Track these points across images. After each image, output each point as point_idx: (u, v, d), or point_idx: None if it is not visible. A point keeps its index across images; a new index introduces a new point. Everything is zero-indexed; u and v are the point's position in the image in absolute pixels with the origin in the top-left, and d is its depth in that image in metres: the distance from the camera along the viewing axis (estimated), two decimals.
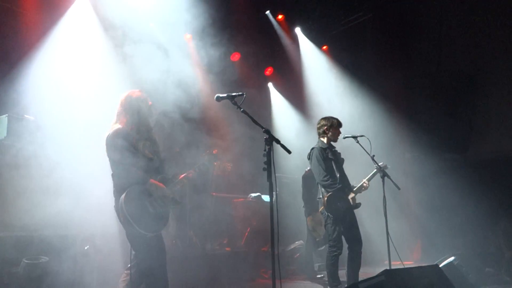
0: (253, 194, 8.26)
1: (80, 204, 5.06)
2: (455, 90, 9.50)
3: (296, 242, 8.21)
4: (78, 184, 5.02)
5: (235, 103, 3.78)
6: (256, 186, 8.35)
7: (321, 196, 5.47)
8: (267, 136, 3.62)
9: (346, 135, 5.61)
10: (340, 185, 5.35)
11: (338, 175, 5.43)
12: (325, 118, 5.69)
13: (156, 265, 3.85)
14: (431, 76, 10.00)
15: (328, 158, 5.46)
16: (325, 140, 5.61)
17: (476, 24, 9.58)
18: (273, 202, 3.59)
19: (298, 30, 10.12)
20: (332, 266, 5.34)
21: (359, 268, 5.36)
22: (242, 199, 8.25)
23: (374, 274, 3.67)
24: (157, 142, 4.22)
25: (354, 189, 5.57)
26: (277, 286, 3.44)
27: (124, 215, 3.68)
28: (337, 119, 5.64)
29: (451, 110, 9.46)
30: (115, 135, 3.88)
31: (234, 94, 3.81)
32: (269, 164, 3.55)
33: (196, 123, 7.26)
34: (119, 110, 4.06)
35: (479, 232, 8.62)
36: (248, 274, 6.99)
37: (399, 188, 5.55)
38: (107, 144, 3.89)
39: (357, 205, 5.50)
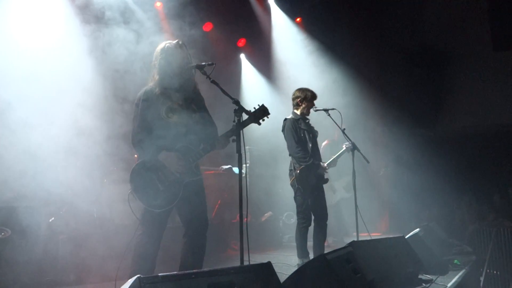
0: (224, 166, 8.23)
1: (46, 175, 4.90)
2: (426, 66, 9.61)
3: (265, 214, 8.28)
4: (44, 153, 4.84)
5: (204, 73, 3.68)
6: (228, 158, 8.31)
7: (291, 168, 5.46)
8: (237, 107, 3.56)
9: (317, 108, 5.57)
10: (311, 160, 5.32)
11: (310, 146, 5.39)
12: (300, 90, 5.59)
13: (150, 235, 3.71)
14: (403, 51, 10.08)
15: (300, 129, 5.40)
16: (298, 111, 5.54)
17: (448, 2, 9.64)
18: (243, 174, 3.56)
19: (271, 1, 9.95)
20: (301, 238, 5.38)
21: (324, 240, 5.48)
22: (213, 171, 8.21)
23: (342, 246, 3.72)
24: (196, 100, 3.91)
25: (326, 163, 5.60)
26: (245, 257, 3.45)
27: (130, 189, 3.57)
28: (311, 92, 5.56)
29: (422, 86, 9.59)
30: (139, 96, 3.73)
31: (203, 63, 3.71)
32: (238, 136, 3.50)
33: None
34: (152, 65, 3.83)
35: (445, 205, 8.89)
36: (218, 246, 7.03)
37: (368, 162, 5.62)
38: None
39: (325, 181, 5.52)
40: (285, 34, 10.09)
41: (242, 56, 10.24)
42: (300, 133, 5.38)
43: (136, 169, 3.62)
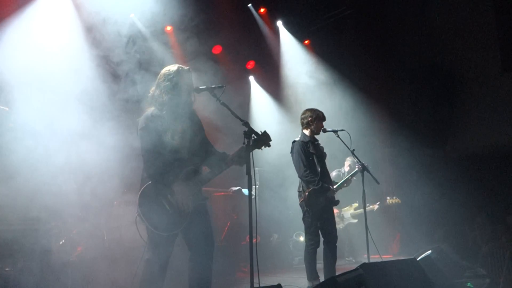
0: (234, 188, 8.23)
1: (56, 196, 4.92)
2: (435, 85, 9.60)
3: (271, 239, 8.27)
4: (54, 175, 4.88)
5: (214, 95, 3.72)
6: (237, 180, 8.31)
7: (301, 190, 5.46)
8: (246, 129, 3.58)
9: (327, 129, 5.59)
10: (321, 183, 5.31)
11: (319, 170, 5.39)
12: (310, 110, 5.62)
13: (157, 260, 3.68)
14: (412, 71, 10.09)
15: (309, 152, 5.40)
16: (307, 132, 5.56)
17: (457, 20, 9.68)
18: (253, 196, 3.56)
19: (279, 24, 10.08)
20: (310, 259, 5.35)
21: (335, 262, 5.41)
22: (222, 193, 8.21)
23: (353, 268, 3.68)
24: (197, 125, 3.93)
25: (335, 186, 5.59)
26: (255, 280, 3.42)
27: (138, 212, 3.56)
28: (321, 112, 5.60)
29: (431, 106, 9.56)
30: (143, 120, 3.69)
31: (213, 86, 3.76)
32: (248, 157, 3.51)
33: None
34: (154, 88, 3.83)
35: (456, 226, 8.76)
36: (228, 268, 6.97)
37: (378, 183, 5.59)
38: (137, 130, 3.72)
39: (336, 202, 5.49)
40: (294, 56, 10.19)
41: (251, 78, 10.35)
42: (308, 156, 5.38)
43: (146, 191, 3.62)
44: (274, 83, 10.26)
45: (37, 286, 4.56)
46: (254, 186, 3.65)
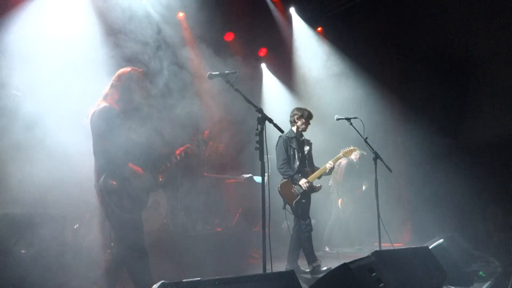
0: (245, 175, 8.26)
1: (69, 181, 4.98)
2: (449, 74, 9.48)
3: (282, 226, 8.30)
4: (66, 162, 4.93)
5: (228, 81, 3.74)
6: (249, 167, 8.34)
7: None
8: (260, 115, 3.59)
9: (339, 117, 5.58)
10: (292, 174, 5.67)
11: (297, 164, 5.72)
12: (298, 108, 5.98)
13: (134, 243, 3.86)
14: (425, 60, 9.95)
15: (291, 147, 5.75)
16: (294, 129, 5.89)
17: (472, 9, 9.51)
18: (265, 183, 3.58)
19: (292, 11, 9.99)
20: (308, 243, 5.74)
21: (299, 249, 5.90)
22: (234, 180, 8.24)
23: (365, 255, 3.69)
24: (146, 125, 4.17)
25: (314, 173, 5.82)
26: (267, 266, 3.45)
27: (103, 197, 3.71)
28: (308, 111, 5.91)
29: (444, 94, 9.44)
30: (102, 112, 3.82)
31: (227, 72, 3.77)
32: (261, 144, 3.52)
33: (189, 103, 7.20)
34: (109, 87, 4.00)
35: (469, 215, 8.71)
36: (239, 255, 7.02)
37: (391, 171, 5.57)
38: (92, 121, 3.85)
39: (316, 189, 5.82)
40: (306, 43, 10.11)
41: (263, 65, 10.30)
42: (290, 151, 5.75)
43: (110, 176, 3.76)
44: (286, 70, 10.20)
45: (51, 268, 4.63)
46: (266, 173, 3.67)
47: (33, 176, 4.73)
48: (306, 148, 5.93)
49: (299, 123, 5.84)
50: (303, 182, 5.66)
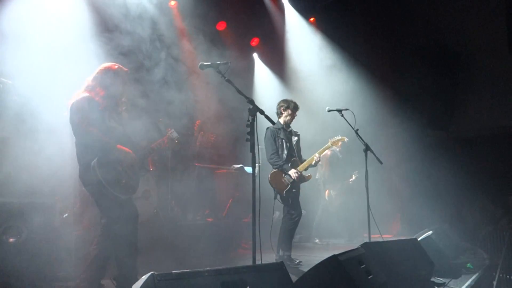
0: (236, 166, 8.24)
1: (59, 170, 4.94)
2: (440, 66, 9.52)
3: (274, 215, 8.32)
4: (56, 151, 4.88)
5: (219, 72, 3.71)
6: (239, 158, 8.32)
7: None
8: (251, 106, 3.57)
9: (330, 109, 5.59)
10: (281, 164, 5.71)
11: (285, 154, 5.76)
12: (284, 100, 6.00)
13: (126, 229, 3.87)
14: (418, 51, 9.98)
15: (279, 137, 5.80)
16: (281, 120, 5.92)
17: (463, 3, 9.54)
18: (256, 174, 3.57)
19: (285, 0, 9.93)
20: (290, 232, 5.78)
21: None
22: (225, 170, 8.22)
23: (354, 247, 3.71)
24: (124, 119, 4.20)
25: (302, 164, 5.83)
26: (257, 257, 3.46)
27: (98, 179, 3.71)
28: (294, 103, 5.93)
29: (435, 86, 9.49)
30: (82, 101, 3.83)
31: (218, 62, 3.74)
32: (252, 135, 3.51)
33: (180, 93, 7.16)
34: (90, 80, 4.01)
35: (458, 207, 8.80)
36: (229, 245, 7.04)
37: (381, 163, 5.59)
38: (72, 110, 3.84)
39: (306, 178, 5.86)
40: (299, 33, 10.06)
41: (255, 55, 10.24)
42: (278, 141, 5.80)
43: (99, 162, 3.75)
44: (278, 61, 10.16)
45: (39, 258, 4.60)
46: (257, 164, 3.66)
47: (23, 165, 4.68)
48: (294, 138, 5.97)
49: (285, 114, 5.89)
50: (292, 172, 5.69)
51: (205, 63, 3.76)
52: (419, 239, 4.72)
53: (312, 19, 10.30)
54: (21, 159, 4.76)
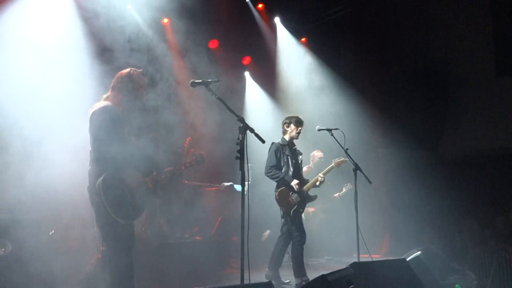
0: (226, 183, 8.21)
1: (45, 186, 4.87)
2: (430, 88, 9.64)
3: (264, 234, 8.27)
4: (42, 166, 4.82)
5: (210, 90, 3.73)
6: (229, 176, 8.30)
7: (275, 190, 5.62)
8: (241, 124, 3.58)
9: (320, 128, 5.63)
10: (283, 174, 5.60)
11: (292, 170, 5.69)
12: (286, 117, 5.97)
13: (125, 261, 3.73)
14: (407, 73, 10.12)
15: (284, 154, 5.73)
16: (286, 137, 5.87)
17: (454, 24, 9.72)
18: (245, 192, 3.56)
19: (277, 20, 10.04)
20: (299, 256, 5.62)
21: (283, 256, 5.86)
22: (214, 188, 8.19)
23: (343, 266, 3.70)
24: (141, 128, 4.19)
25: (307, 184, 5.78)
26: (245, 276, 3.43)
27: (100, 200, 3.57)
28: (297, 117, 5.90)
29: (424, 108, 9.60)
30: (104, 111, 3.71)
31: (209, 80, 3.76)
32: (242, 153, 3.52)
33: (171, 109, 7.16)
34: (110, 90, 3.92)
35: (446, 228, 8.81)
36: (218, 264, 6.97)
37: (370, 182, 5.60)
38: (91, 121, 3.73)
39: (313, 198, 5.83)
40: (290, 53, 10.16)
41: (247, 74, 10.30)
42: (283, 158, 5.72)
43: (108, 179, 3.62)
44: (269, 79, 10.22)
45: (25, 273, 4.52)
46: (246, 182, 3.67)
47: (8, 180, 4.62)
48: (300, 157, 5.94)
49: (289, 130, 5.84)
50: (294, 182, 5.62)
51: (196, 81, 3.77)
52: (408, 259, 4.71)
53: (303, 39, 10.42)
54: (5, 175, 4.70)
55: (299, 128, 5.86)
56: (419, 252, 5.00)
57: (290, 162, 5.71)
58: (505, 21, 9.10)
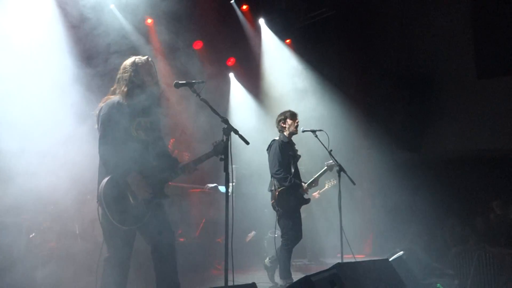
0: (210, 185, 8.19)
1: (27, 189, 4.80)
2: (411, 89, 9.75)
3: (249, 234, 8.27)
4: (22, 168, 4.74)
5: (194, 91, 3.70)
6: (214, 177, 8.28)
7: (272, 189, 5.54)
8: (226, 126, 3.58)
9: (304, 129, 5.64)
10: (293, 180, 5.42)
11: (293, 170, 5.53)
12: (281, 113, 5.80)
13: (119, 255, 3.61)
14: (389, 74, 10.22)
15: (287, 153, 5.53)
16: (286, 133, 5.69)
17: (434, 28, 9.85)
18: (229, 193, 3.56)
19: (261, 22, 10.06)
20: (286, 259, 5.43)
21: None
22: (198, 190, 8.16)
23: (327, 267, 3.72)
24: (159, 118, 3.89)
25: (306, 185, 5.68)
26: (229, 277, 3.42)
27: (101, 203, 3.49)
28: (289, 111, 5.75)
29: (407, 109, 9.70)
30: (107, 106, 3.59)
31: (193, 81, 3.73)
32: (226, 154, 3.51)
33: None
34: (115, 82, 3.78)
35: (428, 228, 8.92)
36: (202, 265, 6.95)
37: (354, 183, 5.63)
38: (98, 118, 3.62)
39: (308, 201, 5.70)
40: (275, 55, 10.18)
41: (231, 75, 10.30)
42: (286, 156, 5.51)
43: (110, 183, 3.53)
44: (254, 81, 10.23)
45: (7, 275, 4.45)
46: (231, 184, 3.66)
47: None
48: (299, 155, 5.79)
49: (286, 126, 5.67)
50: (304, 188, 5.57)
51: (180, 82, 3.74)
52: (390, 260, 4.76)
53: (288, 40, 10.45)
54: None
55: (297, 121, 5.70)
56: (401, 253, 5.06)
57: (292, 161, 5.54)
58: (486, 23, 9.25)
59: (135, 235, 3.72)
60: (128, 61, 3.79)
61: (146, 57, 3.84)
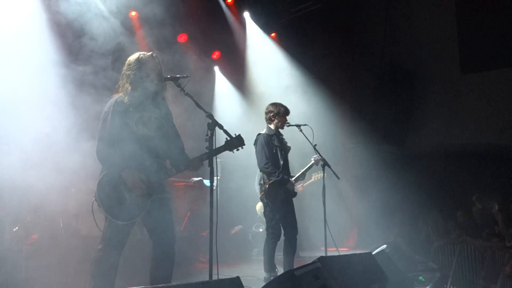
0: (195, 178, 8.17)
1: (10, 183, 4.73)
2: (396, 84, 9.84)
3: (235, 228, 8.28)
4: (10, 160, 4.67)
5: (178, 85, 3.68)
6: (199, 171, 8.25)
7: (262, 182, 5.51)
8: (210, 120, 3.57)
9: (289, 123, 5.64)
10: (281, 175, 5.39)
11: (281, 163, 5.48)
12: (273, 104, 5.67)
13: (109, 257, 3.60)
14: (374, 69, 10.30)
15: (273, 145, 5.47)
16: (272, 126, 5.63)
17: (418, 22, 9.94)
18: (214, 187, 3.56)
19: (246, 15, 10.02)
20: (270, 252, 5.42)
21: (294, 254, 5.52)
22: (183, 183, 8.14)
23: (311, 260, 3.74)
24: (165, 115, 3.85)
25: (293, 178, 5.66)
26: (214, 271, 3.44)
27: (96, 198, 3.48)
28: (284, 107, 5.64)
29: (391, 104, 9.79)
30: (106, 106, 3.63)
31: (178, 75, 3.71)
32: (211, 149, 3.51)
33: None
34: (121, 75, 3.76)
35: (411, 221, 9.05)
36: (187, 259, 6.94)
37: (338, 178, 5.67)
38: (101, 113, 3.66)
39: (294, 194, 5.62)
40: (260, 48, 10.15)
41: (216, 68, 10.25)
42: (272, 149, 5.44)
43: (105, 178, 3.54)
44: (239, 74, 10.20)
45: None
46: (215, 177, 3.66)
47: None
48: (289, 147, 5.71)
49: (276, 120, 5.57)
50: (292, 182, 5.52)
51: (165, 76, 3.73)
52: (374, 253, 4.81)
53: (273, 34, 10.43)
54: None
55: (286, 119, 5.62)
56: (384, 246, 5.12)
57: (279, 154, 5.47)
58: (469, 19, 9.37)
59: (130, 231, 3.69)
60: (132, 57, 3.75)
61: (151, 53, 3.79)
